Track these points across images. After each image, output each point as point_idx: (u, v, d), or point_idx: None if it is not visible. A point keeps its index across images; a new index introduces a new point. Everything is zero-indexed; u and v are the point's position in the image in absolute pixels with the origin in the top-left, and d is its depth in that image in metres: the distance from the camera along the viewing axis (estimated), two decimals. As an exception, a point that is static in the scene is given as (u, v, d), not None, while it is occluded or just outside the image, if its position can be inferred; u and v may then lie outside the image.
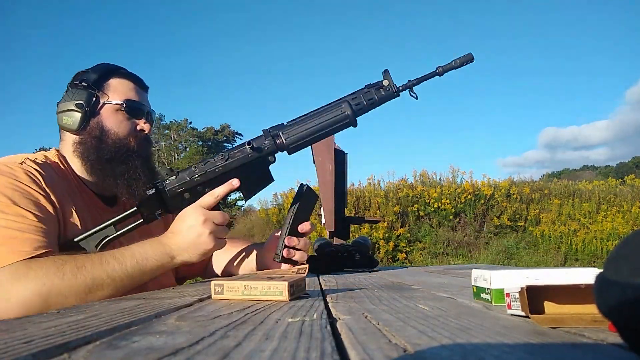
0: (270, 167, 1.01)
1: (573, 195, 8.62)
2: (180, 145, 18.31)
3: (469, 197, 7.93)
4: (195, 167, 0.99)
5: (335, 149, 1.77)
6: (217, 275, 1.26)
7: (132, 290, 0.92)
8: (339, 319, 0.48)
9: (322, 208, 1.83)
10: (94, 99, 1.08)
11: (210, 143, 18.68)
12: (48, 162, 1.04)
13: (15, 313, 0.75)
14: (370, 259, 1.48)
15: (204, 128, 18.81)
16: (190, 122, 18.92)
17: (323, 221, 1.82)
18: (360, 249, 1.48)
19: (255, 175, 1.00)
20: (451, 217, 7.82)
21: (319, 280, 1.08)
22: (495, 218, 7.85)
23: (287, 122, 0.99)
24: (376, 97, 0.94)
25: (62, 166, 1.08)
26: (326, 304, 0.61)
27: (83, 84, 1.09)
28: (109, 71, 1.13)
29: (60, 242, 0.95)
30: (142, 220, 1.02)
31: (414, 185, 8.43)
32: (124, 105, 1.10)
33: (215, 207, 0.99)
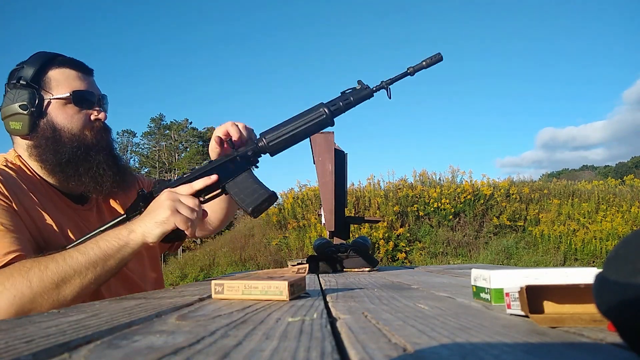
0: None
1: (572, 195, 8.63)
2: (180, 145, 18.28)
3: (469, 197, 7.93)
4: (184, 174, 1.01)
5: (335, 149, 1.77)
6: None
7: (110, 278, 0.90)
8: (339, 318, 0.48)
9: (322, 208, 1.83)
10: (37, 97, 0.99)
11: (210, 143, 18.63)
12: (9, 165, 0.99)
13: None
14: (370, 259, 1.48)
15: (204, 128, 18.81)
16: (191, 122, 18.94)
17: (323, 221, 1.82)
18: (360, 248, 1.48)
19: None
20: (451, 217, 7.82)
21: (319, 280, 1.08)
22: (494, 218, 7.85)
23: (269, 128, 1.01)
24: (351, 98, 1.00)
25: (24, 168, 1.02)
26: (326, 303, 0.61)
27: (21, 82, 0.99)
28: (45, 62, 1.03)
29: (51, 249, 0.91)
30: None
31: (413, 185, 8.43)
32: (72, 97, 1.01)
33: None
